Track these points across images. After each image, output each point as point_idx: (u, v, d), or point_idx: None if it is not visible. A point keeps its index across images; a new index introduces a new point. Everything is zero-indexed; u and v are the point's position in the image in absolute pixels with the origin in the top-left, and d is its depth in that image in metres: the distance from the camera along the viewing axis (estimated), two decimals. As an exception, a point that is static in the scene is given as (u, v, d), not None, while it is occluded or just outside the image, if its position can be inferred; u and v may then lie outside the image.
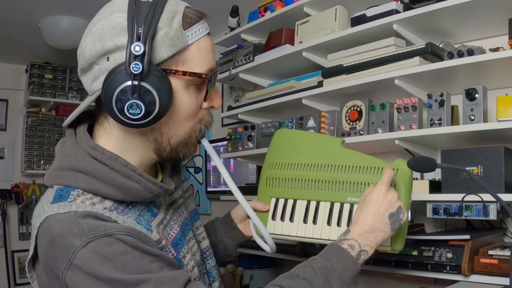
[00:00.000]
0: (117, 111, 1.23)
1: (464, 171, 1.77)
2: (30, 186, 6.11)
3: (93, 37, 1.25)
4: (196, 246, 1.62)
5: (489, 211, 2.20)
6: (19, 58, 6.03)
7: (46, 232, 1.23)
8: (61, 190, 1.31)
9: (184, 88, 1.33)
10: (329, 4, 3.09)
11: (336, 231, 1.72)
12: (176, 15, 1.28)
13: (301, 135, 1.95)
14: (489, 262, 2.18)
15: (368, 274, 3.16)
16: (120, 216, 1.28)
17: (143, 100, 1.22)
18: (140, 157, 1.40)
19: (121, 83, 1.20)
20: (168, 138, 1.38)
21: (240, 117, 3.73)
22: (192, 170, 5.11)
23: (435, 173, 2.71)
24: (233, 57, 3.74)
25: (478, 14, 2.47)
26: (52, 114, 6.31)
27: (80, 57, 1.30)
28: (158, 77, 1.23)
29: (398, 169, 1.69)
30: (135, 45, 1.18)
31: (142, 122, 1.25)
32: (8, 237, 5.97)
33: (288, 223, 1.82)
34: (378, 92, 2.85)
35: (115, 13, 1.25)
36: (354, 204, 1.72)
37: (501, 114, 2.23)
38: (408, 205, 1.68)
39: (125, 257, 1.18)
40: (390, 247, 1.64)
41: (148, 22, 1.21)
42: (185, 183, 1.74)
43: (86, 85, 1.33)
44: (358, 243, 1.46)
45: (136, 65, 1.18)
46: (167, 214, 1.50)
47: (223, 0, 3.96)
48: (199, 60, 1.33)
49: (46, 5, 4.33)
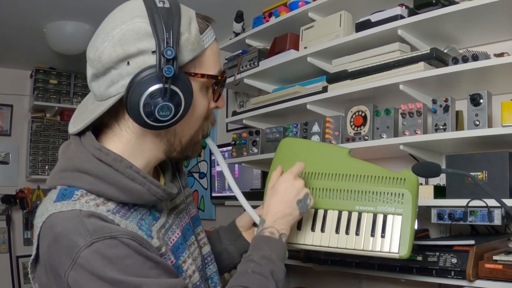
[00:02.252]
0: (144, 113, 1.25)
1: (468, 176, 1.77)
2: (35, 191, 6.10)
3: (113, 42, 1.26)
4: (198, 251, 1.62)
5: (494, 216, 2.19)
6: (24, 63, 6.03)
7: (49, 231, 1.24)
8: (65, 189, 1.31)
9: (200, 90, 1.38)
10: (333, 10, 3.09)
11: (344, 239, 1.74)
12: (192, 21, 1.33)
13: (306, 144, 1.97)
14: (493, 267, 2.17)
15: (373, 280, 3.15)
16: (122, 220, 1.28)
17: (172, 102, 1.25)
18: (147, 158, 1.41)
19: (151, 86, 1.23)
20: (180, 139, 1.41)
21: (244, 123, 3.73)
22: (197, 175, 5.11)
23: (439, 178, 2.71)
24: (238, 62, 3.75)
25: (483, 20, 2.47)
26: (56, 119, 6.31)
27: (96, 62, 1.29)
28: (184, 80, 1.28)
29: (406, 179, 1.72)
30: (167, 49, 1.21)
31: (166, 124, 1.29)
32: (13, 242, 5.96)
33: (295, 232, 1.82)
34: (383, 97, 2.85)
35: (135, 18, 1.26)
36: (362, 212, 1.75)
37: (506, 119, 2.23)
38: (415, 213, 1.70)
39: (127, 261, 1.19)
40: (398, 254, 1.66)
41: (175, 27, 1.25)
42: (187, 189, 1.75)
43: (99, 90, 1.33)
44: (275, 229, 1.59)
45: (168, 68, 1.21)
46: (168, 219, 1.50)
47: (228, 5, 3.98)
48: (212, 63, 1.38)
49: (50, 10, 4.34)
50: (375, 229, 1.71)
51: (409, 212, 1.69)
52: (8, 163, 6.18)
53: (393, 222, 1.70)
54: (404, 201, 1.70)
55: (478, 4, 2.31)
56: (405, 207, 1.70)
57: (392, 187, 1.74)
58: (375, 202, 1.74)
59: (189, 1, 1.44)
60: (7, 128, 6.24)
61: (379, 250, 1.69)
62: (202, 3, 3.75)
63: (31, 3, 4.14)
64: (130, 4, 1.32)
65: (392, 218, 1.71)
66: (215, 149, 1.57)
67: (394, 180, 1.75)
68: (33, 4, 4.18)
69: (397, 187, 1.73)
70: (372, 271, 2.61)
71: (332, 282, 3.47)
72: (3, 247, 5.93)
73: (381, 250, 1.69)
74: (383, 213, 1.72)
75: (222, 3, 4.00)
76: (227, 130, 4.79)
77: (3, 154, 6.14)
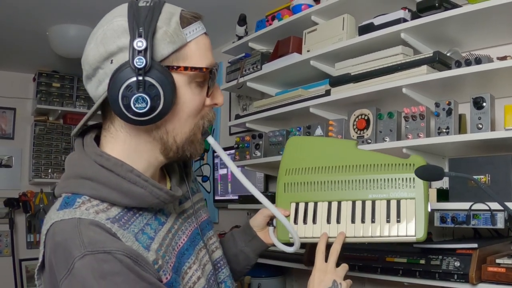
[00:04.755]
0: (124, 107, 1.26)
1: (471, 179, 1.78)
2: (38, 194, 6.11)
3: (96, 43, 1.30)
4: (207, 257, 1.62)
5: (497, 219, 2.19)
6: (27, 66, 6.05)
7: (51, 239, 1.26)
8: (68, 197, 1.33)
9: (187, 84, 1.36)
10: (336, 13, 3.10)
11: (361, 228, 1.77)
12: (174, 16, 1.33)
13: (314, 140, 2.03)
14: (496, 270, 2.17)
15: (376, 283, 3.15)
16: (120, 230, 1.28)
17: (149, 94, 1.25)
18: (147, 160, 1.42)
19: (126, 79, 1.24)
20: (174, 136, 1.40)
21: (247, 126, 3.74)
22: (200, 178, 5.11)
23: (442, 182, 2.70)
24: (241, 66, 3.75)
25: (486, 23, 2.48)
26: (59, 122, 6.33)
27: (84, 64, 1.34)
28: (161, 71, 1.27)
29: (415, 164, 1.77)
30: (137, 41, 1.22)
31: (148, 118, 1.29)
32: (16, 245, 5.96)
33: (311, 225, 1.84)
34: (386, 100, 2.86)
35: (116, 18, 1.30)
36: (376, 200, 1.79)
37: (509, 123, 2.23)
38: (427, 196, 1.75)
39: (118, 278, 1.19)
40: (415, 237, 1.69)
41: (148, 22, 1.26)
42: (197, 194, 1.75)
43: (91, 91, 1.37)
44: None
45: (139, 60, 1.22)
46: (175, 224, 1.51)
47: (231, 9, 3.99)
48: (199, 57, 1.36)
49: (53, 13, 4.36)
50: (390, 215, 1.74)
51: (421, 195, 1.73)
52: (11, 166, 6.18)
53: (407, 206, 1.73)
54: (416, 185, 1.74)
55: (481, 8, 2.32)
56: (417, 191, 1.74)
57: (402, 172, 1.78)
58: (388, 189, 1.78)
59: (191, 4, 1.46)
60: (10, 132, 6.25)
61: (396, 235, 1.72)
62: (205, 6, 3.76)
63: (34, 6, 4.16)
64: (116, 8, 1.36)
65: (405, 202, 1.74)
66: (218, 147, 1.55)
67: (404, 166, 1.79)
68: (36, 8, 4.19)
69: (407, 172, 1.77)
70: (375, 274, 2.61)
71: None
72: (6, 250, 5.93)
73: (398, 234, 1.72)
74: (396, 198, 1.76)
75: (225, 6, 4.01)
76: (230, 133, 4.80)
77: (6, 158, 6.15)
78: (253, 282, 3.74)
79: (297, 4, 3.39)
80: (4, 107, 6.23)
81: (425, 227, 1.69)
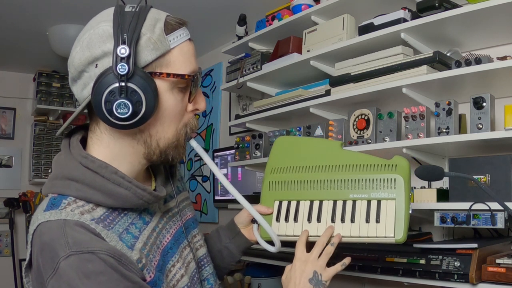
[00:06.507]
0: (106, 112, 1.29)
1: (471, 179, 1.78)
2: (38, 194, 6.09)
3: (82, 47, 1.33)
4: (191, 255, 1.65)
5: (497, 219, 2.19)
6: (27, 66, 6.06)
7: (38, 239, 1.29)
8: (54, 198, 1.36)
9: (169, 90, 1.39)
10: (336, 13, 3.10)
11: (340, 227, 1.78)
12: (158, 22, 1.35)
13: (301, 140, 2.05)
14: (496, 270, 2.17)
15: (376, 283, 3.15)
16: (104, 230, 1.32)
17: (131, 100, 1.28)
18: (131, 163, 1.45)
19: (109, 85, 1.27)
20: (157, 141, 1.43)
21: (247, 126, 3.74)
22: (200, 178, 5.11)
23: (442, 182, 2.70)
24: (241, 66, 3.75)
25: (486, 23, 2.48)
26: (59, 122, 6.33)
27: (70, 66, 1.38)
28: (144, 78, 1.30)
29: (397, 165, 1.77)
30: (121, 48, 1.25)
31: (130, 123, 1.31)
32: (16, 245, 5.97)
33: (292, 224, 1.86)
34: (386, 100, 2.86)
35: (101, 23, 1.33)
36: (356, 200, 1.79)
37: (509, 123, 2.23)
38: (408, 197, 1.73)
39: (102, 277, 1.23)
40: (394, 238, 1.69)
41: (132, 29, 1.28)
42: (183, 193, 1.79)
43: (77, 93, 1.40)
44: None
45: (122, 66, 1.25)
46: (160, 223, 1.54)
47: (231, 9, 3.98)
48: (182, 63, 1.39)
49: (53, 13, 4.36)
50: (370, 215, 1.74)
51: (402, 196, 1.72)
52: (11, 166, 6.19)
53: (387, 207, 1.73)
54: (397, 186, 1.74)
55: (481, 8, 2.32)
56: (398, 192, 1.73)
57: (384, 173, 1.78)
58: (368, 189, 1.78)
59: (190, 6, 1.46)
60: (10, 132, 6.26)
61: (375, 236, 1.72)
62: (205, 7, 3.76)
63: (34, 6, 4.16)
64: (103, 12, 1.40)
65: (386, 203, 1.74)
66: (200, 150, 1.56)
67: (386, 166, 1.79)
68: (36, 8, 4.20)
69: (389, 172, 1.77)
70: (375, 275, 2.60)
71: (335, 285, 3.46)
72: (6, 250, 5.95)
73: (376, 235, 1.71)
74: (376, 199, 1.76)
75: (225, 6, 4.00)
76: (230, 133, 4.80)
77: (6, 158, 6.16)
78: (253, 282, 3.74)
79: (297, 4, 3.39)
80: (4, 107, 6.24)
81: (405, 229, 1.69)
